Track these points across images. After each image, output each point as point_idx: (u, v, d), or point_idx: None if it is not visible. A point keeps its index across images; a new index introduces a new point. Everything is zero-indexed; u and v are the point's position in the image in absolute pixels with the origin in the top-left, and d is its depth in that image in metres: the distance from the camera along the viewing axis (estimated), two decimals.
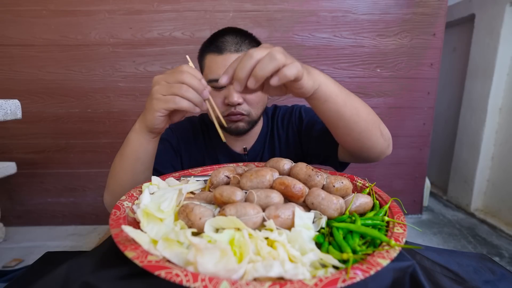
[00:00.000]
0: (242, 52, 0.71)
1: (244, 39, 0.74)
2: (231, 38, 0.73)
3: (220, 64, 0.72)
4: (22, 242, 1.50)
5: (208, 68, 0.75)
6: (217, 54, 0.72)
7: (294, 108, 0.87)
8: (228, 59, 0.71)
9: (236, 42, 0.73)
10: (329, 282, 0.28)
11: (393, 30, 1.53)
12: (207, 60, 0.75)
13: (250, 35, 0.78)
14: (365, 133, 0.58)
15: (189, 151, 0.86)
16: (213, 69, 0.73)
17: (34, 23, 1.44)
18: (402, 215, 0.43)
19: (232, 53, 0.71)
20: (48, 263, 0.61)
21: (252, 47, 0.72)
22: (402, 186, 1.72)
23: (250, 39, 0.76)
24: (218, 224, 0.37)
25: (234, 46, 0.72)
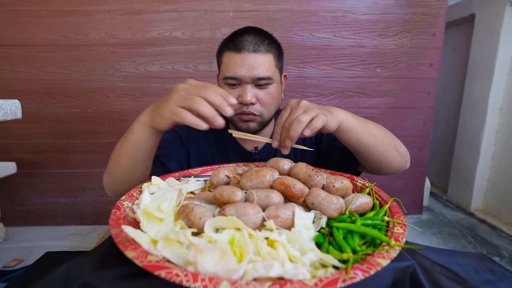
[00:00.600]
0: (260, 52, 0.72)
1: (263, 40, 0.75)
2: (250, 37, 0.74)
3: (237, 62, 0.72)
4: (22, 242, 1.50)
5: (225, 65, 0.75)
6: (235, 52, 0.73)
7: None
8: (245, 58, 0.72)
9: (255, 42, 0.73)
10: (329, 282, 0.28)
11: (393, 30, 1.53)
12: (225, 58, 0.76)
13: (270, 36, 0.78)
14: (383, 154, 0.67)
15: (198, 146, 0.86)
16: (230, 67, 0.73)
17: (34, 23, 1.44)
18: (402, 215, 0.43)
19: (250, 53, 0.72)
20: (48, 263, 0.61)
21: (271, 48, 0.75)
22: (402, 186, 1.72)
23: (269, 40, 0.77)
24: (218, 224, 0.37)
25: (252, 46, 0.73)
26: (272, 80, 0.75)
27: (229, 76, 0.73)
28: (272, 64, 0.75)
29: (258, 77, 0.72)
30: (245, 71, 0.72)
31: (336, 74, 1.57)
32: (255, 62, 0.72)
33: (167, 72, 1.53)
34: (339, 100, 1.60)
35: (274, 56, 0.76)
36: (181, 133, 0.84)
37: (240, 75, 0.72)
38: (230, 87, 0.75)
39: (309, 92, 1.57)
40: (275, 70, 0.76)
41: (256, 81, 0.73)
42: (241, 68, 0.72)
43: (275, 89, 0.77)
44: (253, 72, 0.72)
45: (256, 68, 0.72)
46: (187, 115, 0.50)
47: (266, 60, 0.74)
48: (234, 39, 0.75)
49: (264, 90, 0.75)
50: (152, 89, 1.54)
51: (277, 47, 0.78)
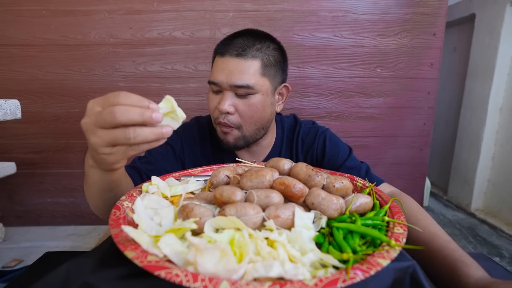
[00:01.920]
0: (243, 57, 0.67)
1: (253, 44, 0.69)
2: (239, 40, 0.70)
3: (219, 66, 0.69)
4: (21, 242, 1.50)
5: (212, 69, 0.73)
6: (220, 56, 0.71)
7: (318, 133, 0.82)
8: (226, 63, 0.68)
9: (242, 46, 0.68)
10: (329, 282, 0.28)
11: (393, 30, 1.53)
12: (214, 61, 0.74)
13: (269, 41, 0.72)
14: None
15: (193, 156, 0.82)
16: (214, 71, 0.71)
17: (34, 23, 1.44)
18: (402, 215, 0.43)
19: (232, 57, 0.68)
20: (48, 263, 0.61)
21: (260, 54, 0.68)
22: (402, 186, 1.71)
23: (264, 45, 0.70)
24: (218, 224, 0.37)
25: (236, 50, 0.68)
26: (252, 90, 0.68)
27: (210, 80, 0.71)
28: (257, 72, 0.68)
29: (235, 85, 0.67)
30: (224, 77, 0.68)
31: (336, 74, 1.57)
32: (235, 67, 0.67)
33: (167, 72, 1.53)
34: (339, 100, 1.60)
35: (262, 63, 0.69)
36: (174, 145, 0.80)
37: (219, 80, 0.68)
38: (214, 93, 0.73)
39: (309, 92, 1.57)
40: (261, 79, 0.69)
41: (235, 89, 0.68)
42: (221, 73, 0.68)
43: (257, 100, 0.70)
44: (231, 78, 0.67)
45: (235, 74, 0.67)
46: (137, 148, 0.39)
47: (251, 67, 0.68)
48: (224, 41, 0.72)
49: (244, 100, 0.70)
50: (152, 89, 1.54)
51: (273, 54, 0.72)
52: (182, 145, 0.82)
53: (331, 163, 0.78)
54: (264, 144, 0.82)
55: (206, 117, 0.89)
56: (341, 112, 1.61)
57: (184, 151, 0.81)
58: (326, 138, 0.81)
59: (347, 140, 0.86)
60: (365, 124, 1.63)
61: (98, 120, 0.37)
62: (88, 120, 0.39)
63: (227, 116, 0.71)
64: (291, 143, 0.84)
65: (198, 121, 0.87)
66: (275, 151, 0.83)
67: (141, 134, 0.37)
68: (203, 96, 1.55)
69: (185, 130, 0.84)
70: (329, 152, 0.79)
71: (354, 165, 0.77)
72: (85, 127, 0.40)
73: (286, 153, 0.84)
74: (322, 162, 0.80)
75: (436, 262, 0.48)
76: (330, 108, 1.60)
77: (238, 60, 0.68)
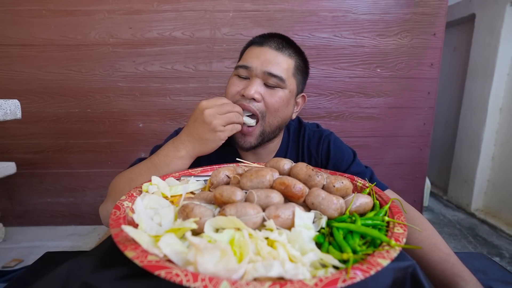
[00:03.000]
0: (282, 52, 0.70)
1: (290, 46, 0.73)
2: (278, 39, 0.73)
3: (255, 54, 0.70)
4: (21, 242, 1.50)
5: (243, 56, 0.73)
6: (257, 46, 0.72)
7: (322, 137, 0.82)
8: (264, 52, 0.70)
9: (281, 43, 0.72)
10: (329, 282, 0.28)
11: (393, 30, 1.53)
12: (247, 51, 0.74)
13: (300, 50, 0.76)
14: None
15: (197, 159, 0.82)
16: (247, 57, 0.71)
17: (33, 23, 1.44)
18: (402, 215, 0.43)
19: (272, 49, 0.70)
20: (48, 263, 0.61)
21: (296, 56, 0.73)
22: (402, 186, 1.72)
23: (296, 50, 0.74)
24: (218, 224, 0.37)
25: (276, 44, 0.71)
26: (284, 83, 0.70)
27: (241, 64, 0.70)
28: (290, 70, 0.71)
29: (270, 72, 0.68)
30: (259, 63, 0.69)
31: (336, 74, 1.57)
32: (272, 58, 0.69)
33: (167, 72, 1.53)
34: (339, 100, 1.60)
35: (295, 65, 0.73)
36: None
37: (252, 65, 0.69)
38: (238, 78, 0.72)
39: (309, 92, 1.57)
40: (291, 78, 0.72)
41: (267, 77, 0.68)
42: (256, 59, 0.69)
43: (284, 95, 0.71)
44: (266, 66, 0.68)
45: (272, 64, 0.68)
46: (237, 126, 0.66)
47: (286, 63, 0.70)
48: (262, 37, 0.74)
49: (272, 91, 0.70)
50: (152, 89, 1.54)
51: (302, 63, 0.75)
52: None
53: (336, 168, 0.78)
54: (270, 147, 0.81)
55: None
56: (341, 112, 1.61)
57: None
58: (331, 143, 0.81)
59: (347, 140, 0.86)
60: (365, 124, 1.63)
61: (220, 109, 0.64)
62: (212, 110, 0.63)
63: (252, 101, 0.69)
64: (297, 146, 0.84)
65: None
66: (281, 153, 0.83)
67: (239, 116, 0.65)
68: (203, 96, 1.55)
69: None
70: (333, 157, 0.79)
71: (358, 170, 0.76)
72: (208, 113, 0.63)
73: (292, 155, 0.84)
74: (327, 167, 0.79)
75: (434, 275, 0.48)
76: (330, 108, 1.60)
77: (277, 53, 0.70)
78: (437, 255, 0.49)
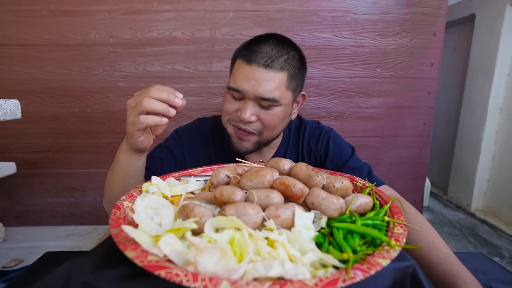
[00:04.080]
0: (271, 69, 0.65)
1: (281, 54, 0.67)
2: (267, 48, 0.67)
3: (244, 74, 0.66)
4: (21, 242, 1.50)
5: (233, 73, 0.70)
6: (245, 62, 0.67)
7: (322, 133, 0.82)
8: (253, 72, 0.65)
9: (270, 55, 0.66)
10: (329, 282, 0.28)
11: (393, 30, 1.53)
12: (236, 65, 0.70)
13: (293, 49, 0.71)
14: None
15: (196, 159, 0.81)
16: (236, 77, 0.68)
17: (33, 23, 1.44)
18: (402, 215, 0.43)
19: (260, 67, 0.65)
20: (48, 263, 0.61)
21: (287, 66, 0.67)
22: (402, 186, 1.72)
23: (290, 54, 0.69)
24: (218, 224, 0.37)
25: (265, 60, 0.65)
26: (278, 103, 0.68)
27: (233, 87, 0.68)
28: (282, 84, 0.67)
29: (262, 97, 0.66)
30: (250, 86, 0.66)
31: (336, 74, 1.57)
32: (263, 78, 0.65)
33: (167, 72, 1.53)
34: (339, 100, 1.60)
35: (288, 75, 0.68)
36: (174, 149, 0.79)
37: (243, 89, 0.66)
38: (233, 98, 0.70)
39: (309, 92, 1.57)
40: (285, 92, 0.69)
41: (259, 100, 0.67)
42: (246, 82, 0.66)
43: (280, 111, 0.70)
44: (258, 89, 0.65)
45: (262, 86, 0.65)
46: (144, 118, 0.53)
47: (277, 79, 0.66)
48: (250, 46, 0.68)
49: (267, 111, 0.69)
50: None
51: (297, 65, 0.71)
52: (183, 149, 0.81)
53: (334, 163, 0.79)
54: (272, 145, 0.82)
55: (210, 118, 0.88)
56: (341, 112, 1.61)
57: (185, 156, 0.81)
58: (330, 138, 0.81)
59: (347, 140, 0.86)
60: (365, 124, 1.63)
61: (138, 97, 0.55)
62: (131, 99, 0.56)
63: (249, 124, 0.70)
64: (297, 143, 0.84)
65: (200, 123, 0.86)
66: (281, 150, 0.84)
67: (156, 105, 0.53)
68: (203, 96, 1.55)
69: (187, 133, 0.83)
70: (332, 151, 0.80)
71: (356, 165, 0.77)
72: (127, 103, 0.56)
73: (292, 152, 0.84)
74: (325, 161, 0.80)
75: (434, 276, 0.47)
76: (330, 108, 1.60)
77: (266, 71, 0.65)
78: (435, 255, 0.49)
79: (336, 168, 0.77)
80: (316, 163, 0.82)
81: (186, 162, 0.81)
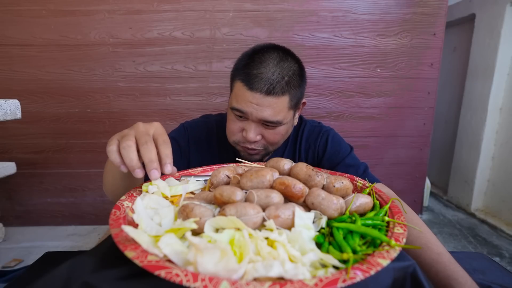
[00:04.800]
0: (274, 95, 0.65)
1: (282, 77, 0.66)
2: (268, 72, 0.65)
3: (247, 98, 0.66)
4: (21, 242, 1.50)
5: (235, 94, 0.69)
6: (246, 87, 0.66)
7: (321, 131, 0.84)
8: (255, 98, 0.65)
9: (271, 81, 0.65)
10: (329, 282, 0.28)
11: (393, 30, 1.53)
12: (236, 86, 0.69)
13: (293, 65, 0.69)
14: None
15: (200, 154, 0.82)
16: (239, 100, 0.68)
17: (33, 23, 1.44)
18: (402, 215, 0.43)
19: (262, 94, 0.65)
20: (48, 263, 0.61)
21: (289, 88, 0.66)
22: (402, 186, 1.72)
23: (291, 73, 0.67)
24: (218, 224, 0.37)
25: (267, 87, 0.64)
26: (281, 124, 0.70)
27: (236, 108, 0.68)
28: (285, 107, 0.68)
29: (266, 120, 0.68)
30: (253, 110, 0.66)
31: (336, 74, 1.57)
32: (265, 105, 0.66)
33: (167, 72, 1.53)
34: (339, 100, 1.60)
35: (290, 97, 0.68)
36: (180, 141, 0.80)
37: (247, 111, 0.67)
38: (236, 117, 0.71)
39: (309, 92, 1.57)
40: (287, 113, 0.70)
41: (263, 122, 0.69)
42: (249, 105, 0.66)
43: (283, 128, 0.72)
44: (261, 114, 0.66)
45: (265, 110, 0.66)
46: (112, 151, 0.47)
47: (279, 103, 0.67)
48: (249, 70, 0.66)
49: (271, 130, 0.71)
50: (152, 89, 1.54)
51: (298, 82, 0.70)
52: (189, 141, 0.82)
53: (331, 160, 0.80)
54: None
55: (215, 116, 0.90)
56: (341, 112, 1.61)
57: (190, 148, 0.82)
58: (329, 137, 0.83)
59: (347, 140, 0.87)
60: (365, 124, 1.63)
61: (139, 133, 0.49)
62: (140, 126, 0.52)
63: (255, 143, 0.72)
64: (295, 141, 0.86)
65: (207, 119, 0.88)
66: (280, 149, 0.85)
67: (128, 152, 0.46)
68: (203, 96, 1.55)
69: (193, 127, 0.85)
70: (330, 149, 0.81)
71: (353, 163, 0.78)
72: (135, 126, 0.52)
73: (290, 150, 0.86)
74: (323, 158, 0.81)
75: (429, 277, 0.46)
76: (330, 108, 1.60)
77: (269, 98, 0.65)
78: (428, 256, 0.48)
79: (333, 165, 0.79)
80: (314, 160, 0.83)
81: (191, 155, 0.82)
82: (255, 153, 0.75)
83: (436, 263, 0.47)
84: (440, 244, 0.52)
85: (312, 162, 0.83)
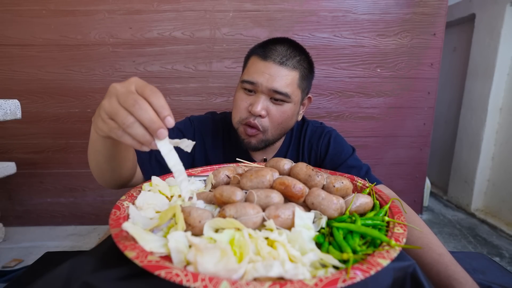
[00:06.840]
0: (286, 66, 0.69)
1: (295, 55, 0.72)
2: (282, 48, 0.71)
3: (259, 69, 0.70)
4: (21, 242, 1.50)
5: (247, 69, 0.73)
6: (260, 59, 0.70)
7: (324, 132, 0.85)
8: (268, 67, 0.69)
9: (285, 54, 0.70)
10: (329, 282, 0.28)
11: (393, 30, 1.53)
12: (250, 61, 0.74)
13: (305, 54, 0.75)
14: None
15: (205, 148, 0.83)
16: (251, 71, 0.71)
17: (33, 23, 1.44)
18: (402, 215, 0.43)
19: (275, 63, 0.69)
20: (48, 263, 0.61)
21: (300, 66, 0.71)
22: (402, 186, 1.72)
23: (302, 57, 0.73)
24: (218, 225, 0.37)
25: (280, 58, 0.69)
26: (289, 99, 0.71)
27: (247, 80, 0.71)
28: (295, 82, 0.71)
29: (275, 90, 0.69)
30: (264, 80, 0.69)
31: (336, 74, 1.57)
32: (277, 74, 0.69)
33: (167, 72, 1.53)
34: (339, 100, 1.60)
35: (300, 75, 0.72)
36: (186, 133, 0.81)
37: (258, 81, 0.69)
38: (245, 92, 0.73)
39: (310, 92, 1.57)
40: (296, 90, 0.73)
41: (273, 93, 0.70)
42: (261, 75, 0.69)
43: (289, 109, 0.73)
44: (272, 83, 0.69)
45: (277, 80, 0.69)
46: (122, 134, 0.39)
47: (290, 76, 0.70)
48: (265, 46, 0.72)
49: (278, 107, 0.72)
50: None
51: (307, 67, 0.75)
52: (195, 135, 0.82)
53: (333, 161, 0.80)
54: (276, 143, 0.84)
55: (220, 114, 0.90)
56: (341, 112, 1.61)
57: (195, 139, 0.81)
58: (331, 138, 0.83)
59: (347, 140, 0.87)
60: (365, 124, 1.63)
61: (122, 96, 0.39)
62: (117, 88, 0.41)
63: (258, 118, 0.72)
64: (298, 141, 0.86)
65: (212, 116, 0.89)
66: (283, 149, 0.86)
67: (135, 130, 0.39)
68: (203, 96, 1.55)
69: (199, 121, 0.85)
70: (332, 150, 0.81)
71: (355, 164, 0.78)
72: (111, 90, 0.42)
73: (293, 150, 0.86)
74: (325, 159, 0.82)
75: (430, 277, 0.46)
76: (330, 108, 1.60)
77: (281, 68, 0.69)
78: (430, 256, 0.49)
79: (335, 166, 0.79)
80: (316, 160, 0.83)
81: (196, 149, 0.82)
82: (254, 133, 0.73)
83: (437, 263, 0.47)
84: (441, 245, 0.52)
85: (314, 163, 0.84)
